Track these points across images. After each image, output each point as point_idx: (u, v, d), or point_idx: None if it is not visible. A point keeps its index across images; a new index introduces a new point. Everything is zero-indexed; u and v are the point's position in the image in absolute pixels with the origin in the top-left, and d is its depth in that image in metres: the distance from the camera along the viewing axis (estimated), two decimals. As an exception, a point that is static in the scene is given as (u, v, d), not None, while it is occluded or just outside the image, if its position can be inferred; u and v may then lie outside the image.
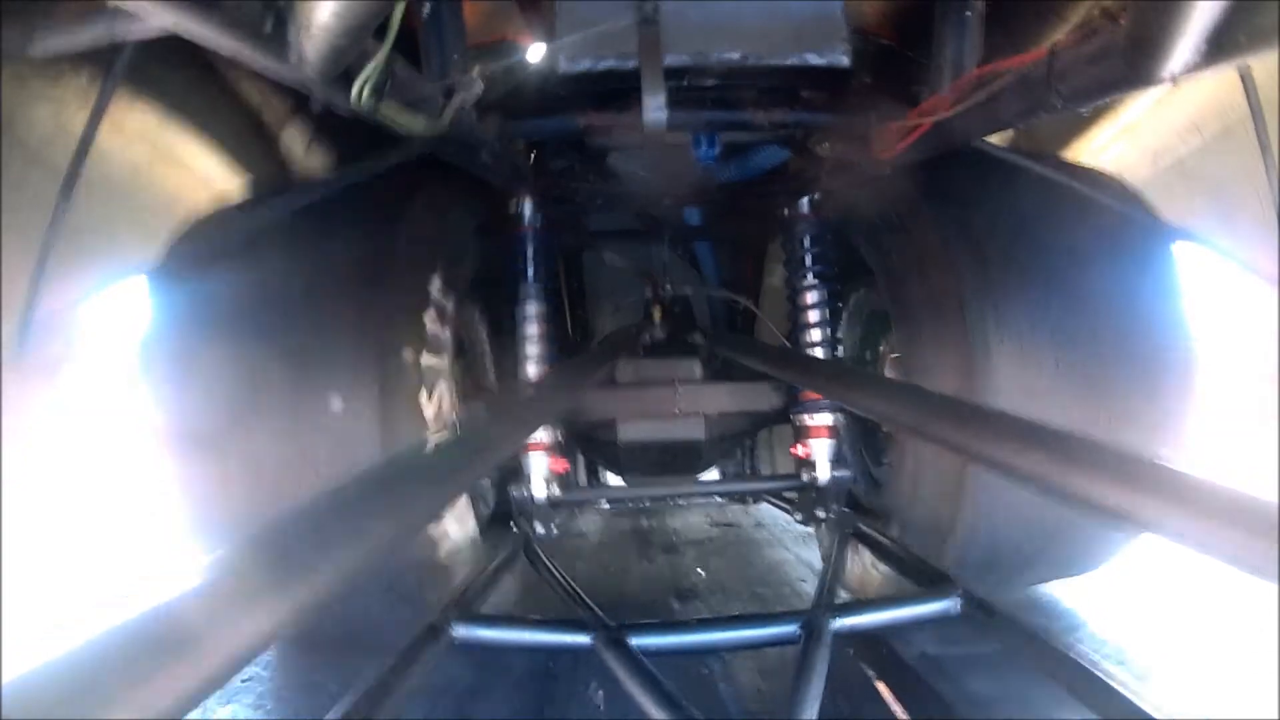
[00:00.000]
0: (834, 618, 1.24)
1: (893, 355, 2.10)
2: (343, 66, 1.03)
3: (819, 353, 2.12)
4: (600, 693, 1.44)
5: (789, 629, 1.24)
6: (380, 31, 1.07)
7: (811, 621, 1.23)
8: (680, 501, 2.51)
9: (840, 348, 2.32)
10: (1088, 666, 1.04)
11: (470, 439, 1.03)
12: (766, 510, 3.20)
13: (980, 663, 1.42)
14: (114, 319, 1.89)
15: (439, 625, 1.19)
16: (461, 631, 1.21)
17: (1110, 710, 0.96)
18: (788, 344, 2.24)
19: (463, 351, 2.13)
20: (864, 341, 2.34)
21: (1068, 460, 0.81)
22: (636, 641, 1.19)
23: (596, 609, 1.32)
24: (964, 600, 1.27)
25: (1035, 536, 1.65)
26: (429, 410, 1.59)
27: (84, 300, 1.81)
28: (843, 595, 1.75)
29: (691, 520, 3.43)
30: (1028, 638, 1.16)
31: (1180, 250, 1.77)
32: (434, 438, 1.59)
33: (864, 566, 1.89)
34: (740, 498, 3.06)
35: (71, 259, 1.81)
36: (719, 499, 2.92)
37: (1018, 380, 1.52)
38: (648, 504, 2.43)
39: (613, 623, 1.24)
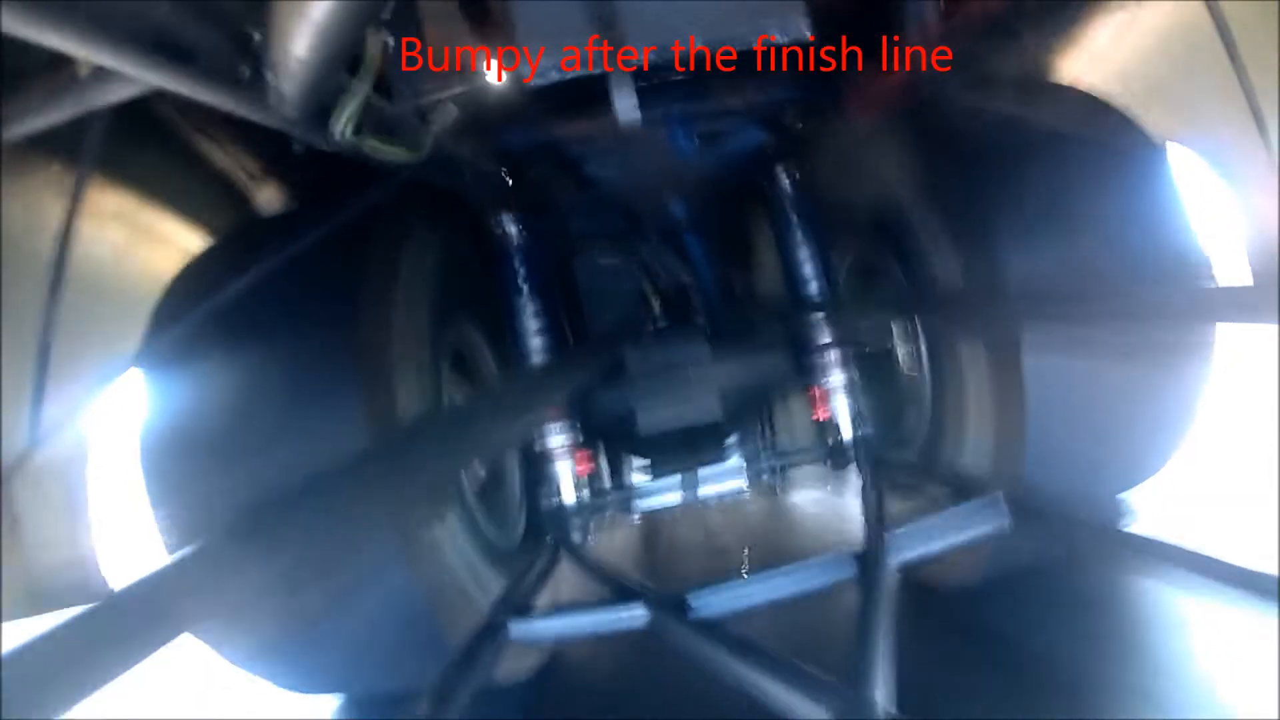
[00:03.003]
0: (888, 546, 1.22)
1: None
2: (321, 102, 1.04)
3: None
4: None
5: (846, 565, 1.22)
6: (353, 68, 1.09)
7: (867, 554, 1.21)
8: (710, 491, 2.49)
9: None
10: (1144, 536, 1.03)
11: (478, 410, 1.02)
12: (794, 482, 3.19)
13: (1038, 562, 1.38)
14: (121, 412, 1.88)
15: (494, 624, 1.17)
16: (518, 628, 1.19)
17: (1173, 563, 0.94)
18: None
19: (469, 374, 2.12)
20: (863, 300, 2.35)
21: (1112, 301, 0.82)
22: (695, 605, 1.17)
23: (647, 585, 1.30)
24: (1010, 504, 1.25)
25: (1099, 448, 1.62)
26: None
27: (91, 396, 1.80)
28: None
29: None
30: (1081, 526, 1.15)
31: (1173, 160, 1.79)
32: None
33: (904, 507, 1.87)
34: (770, 480, 3.03)
35: (71, 353, 1.81)
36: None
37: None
38: (679, 499, 2.41)
39: (667, 593, 1.22)
